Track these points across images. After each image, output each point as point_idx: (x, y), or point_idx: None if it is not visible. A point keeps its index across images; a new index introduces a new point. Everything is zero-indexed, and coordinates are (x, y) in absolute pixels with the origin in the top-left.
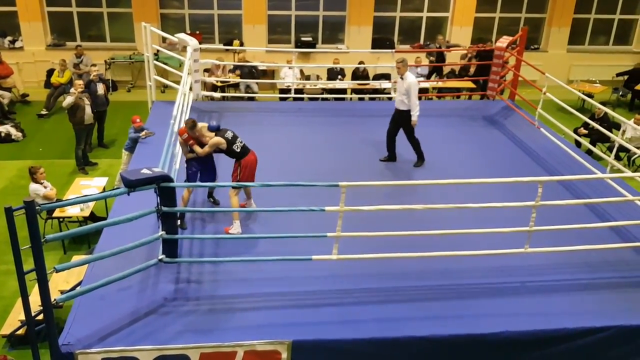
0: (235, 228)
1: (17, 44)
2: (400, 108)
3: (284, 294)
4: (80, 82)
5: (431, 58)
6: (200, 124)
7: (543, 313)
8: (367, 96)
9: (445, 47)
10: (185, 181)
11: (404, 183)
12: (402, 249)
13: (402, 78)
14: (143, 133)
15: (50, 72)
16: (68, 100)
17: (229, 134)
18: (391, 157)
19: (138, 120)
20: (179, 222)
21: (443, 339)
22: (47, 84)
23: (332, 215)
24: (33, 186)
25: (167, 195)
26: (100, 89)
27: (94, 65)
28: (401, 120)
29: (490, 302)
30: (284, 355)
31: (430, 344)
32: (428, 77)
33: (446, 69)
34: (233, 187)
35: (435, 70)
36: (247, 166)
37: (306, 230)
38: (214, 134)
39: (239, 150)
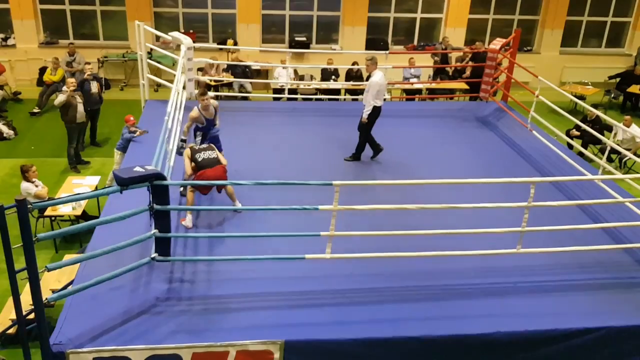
0: (188, 221)
1: (10, 42)
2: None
3: (276, 293)
4: (73, 80)
5: (436, 59)
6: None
7: (535, 314)
8: (360, 97)
9: (451, 48)
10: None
11: (398, 182)
12: (395, 249)
13: (370, 76)
14: (138, 132)
15: (42, 70)
16: (60, 98)
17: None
18: (376, 149)
19: (132, 118)
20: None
21: (435, 339)
22: (40, 82)
23: (325, 214)
24: (24, 185)
25: (160, 193)
26: (94, 87)
27: (88, 63)
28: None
29: (482, 303)
30: (276, 355)
31: (422, 344)
32: (434, 78)
33: (450, 70)
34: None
35: (439, 71)
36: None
37: (300, 229)
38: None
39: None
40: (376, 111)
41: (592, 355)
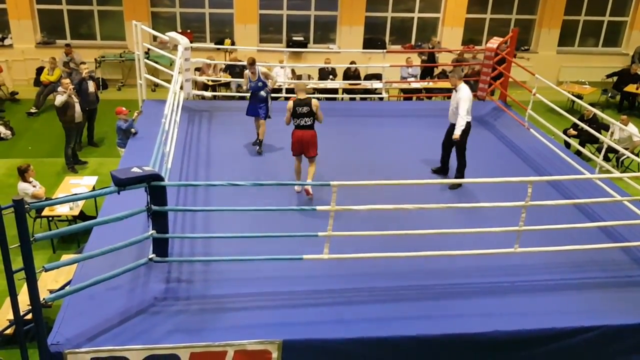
0: (297, 188)
1: (7, 42)
2: (451, 121)
3: (274, 293)
4: (68, 80)
5: (423, 57)
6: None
7: (532, 313)
8: (358, 96)
9: (439, 49)
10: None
11: (396, 183)
12: (393, 249)
13: (455, 90)
14: (135, 115)
15: (40, 70)
16: (60, 98)
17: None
18: (443, 167)
19: (124, 109)
20: None
21: (433, 338)
22: (37, 82)
23: (323, 214)
24: (22, 185)
25: (157, 194)
26: (91, 86)
27: (84, 62)
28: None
29: (480, 302)
30: (275, 354)
31: (420, 343)
32: (422, 77)
33: (438, 70)
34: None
35: (426, 71)
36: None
37: (297, 229)
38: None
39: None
40: (469, 127)
41: (590, 354)
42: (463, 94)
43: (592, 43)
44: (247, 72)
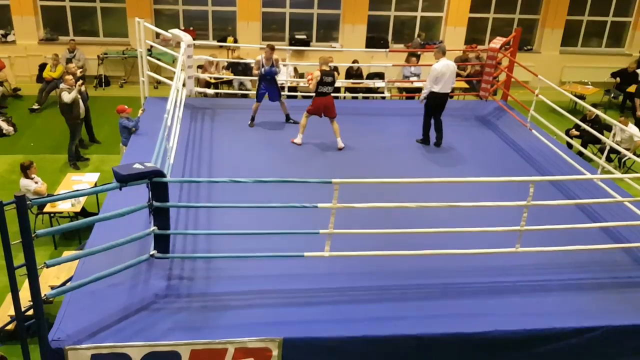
0: (297, 140)
1: (10, 38)
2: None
3: (275, 291)
4: (70, 77)
5: (412, 58)
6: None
7: (533, 313)
8: (360, 95)
9: (420, 46)
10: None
11: (397, 181)
12: (394, 247)
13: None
14: (140, 112)
15: (42, 67)
16: (71, 95)
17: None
18: (425, 137)
19: (126, 107)
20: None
21: (434, 337)
22: (40, 79)
23: (325, 212)
24: (24, 181)
25: (159, 190)
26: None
27: (71, 62)
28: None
29: (481, 301)
30: (275, 352)
31: (421, 342)
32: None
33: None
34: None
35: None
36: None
37: (299, 227)
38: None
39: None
40: (435, 97)
41: (590, 355)
42: (433, 66)
43: (596, 43)
44: (261, 58)
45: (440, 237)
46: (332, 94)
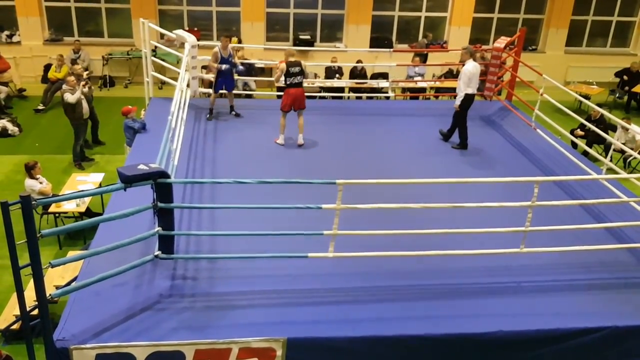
0: (280, 140)
1: (15, 39)
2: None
3: (279, 291)
4: (72, 78)
5: (416, 58)
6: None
7: (537, 313)
8: (364, 95)
9: (425, 46)
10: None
11: (401, 182)
12: (397, 248)
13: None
14: (142, 114)
15: (47, 67)
16: (75, 95)
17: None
18: (462, 142)
19: (130, 107)
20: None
21: (438, 338)
22: (45, 79)
23: (329, 213)
24: (29, 182)
25: (163, 191)
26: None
27: (76, 63)
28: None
29: (485, 302)
30: (279, 352)
31: (424, 343)
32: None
33: (444, 69)
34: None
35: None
36: (286, 96)
37: (302, 228)
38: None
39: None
40: (469, 98)
41: (596, 355)
42: (464, 68)
43: (600, 43)
44: (218, 50)
45: (444, 237)
46: (337, 94)
